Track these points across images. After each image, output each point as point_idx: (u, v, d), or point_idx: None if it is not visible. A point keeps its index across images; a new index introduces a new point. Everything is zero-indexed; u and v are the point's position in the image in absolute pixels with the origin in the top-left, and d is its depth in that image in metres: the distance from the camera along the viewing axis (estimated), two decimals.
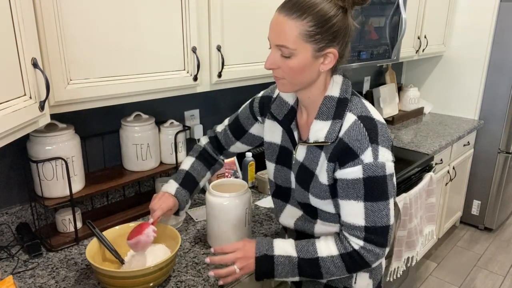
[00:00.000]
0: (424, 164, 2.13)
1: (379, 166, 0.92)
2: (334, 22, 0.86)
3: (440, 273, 2.72)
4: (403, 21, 2.11)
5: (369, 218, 0.94)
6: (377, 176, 0.92)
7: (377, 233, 0.95)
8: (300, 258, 0.97)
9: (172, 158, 1.56)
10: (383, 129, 0.95)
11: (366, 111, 0.96)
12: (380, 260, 0.99)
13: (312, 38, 0.86)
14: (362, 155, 0.91)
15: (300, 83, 0.94)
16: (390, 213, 0.95)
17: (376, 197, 0.93)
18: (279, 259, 0.98)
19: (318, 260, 0.96)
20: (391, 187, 0.95)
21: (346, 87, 0.97)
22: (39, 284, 1.11)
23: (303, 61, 0.88)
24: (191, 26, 1.29)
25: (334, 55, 0.90)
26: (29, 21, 0.90)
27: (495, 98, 2.89)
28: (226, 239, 1.24)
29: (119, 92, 1.16)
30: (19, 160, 1.31)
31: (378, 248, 0.95)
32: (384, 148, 0.93)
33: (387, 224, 0.95)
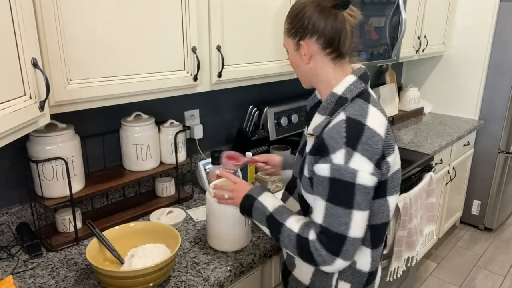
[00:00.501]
0: (424, 164, 2.13)
1: (349, 171, 0.89)
2: (302, 15, 0.97)
3: (440, 273, 2.72)
4: (403, 21, 2.11)
5: (326, 219, 0.93)
6: (343, 180, 0.90)
7: (329, 238, 0.92)
8: (271, 215, 1.04)
9: (172, 158, 1.56)
10: (371, 138, 0.91)
11: (362, 114, 0.93)
12: (331, 267, 0.95)
13: (289, 33, 1.02)
14: (333, 154, 0.90)
15: (302, 77, 1.07)
16: (352, 224, 0.91)
17: (338, 201, 0.91)
18: (257, 204, 1.07)
19: (281, 227, 1.01)
20: (360, 200, 0.91)
21: (353, 88, 0.97)
22: (39, 284, 1.11)
23: (291, 55, 1.04)
24: (191, 26, 1.29)
25: (305, 47, 0.99)
26: (29, 21, 0.90)
27: (495, 98, 2.89)
28: (226, 240, 1.24)
29: (119, 92, 1.16)
30: (19, 160, 1.32)
31: (325, 252, 0.92)
32: (362, 157, 0.89)
33: (343, 233, 0.91)
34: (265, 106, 1.95)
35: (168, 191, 1.62)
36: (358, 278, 1.04)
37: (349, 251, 0.93)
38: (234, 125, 1.99)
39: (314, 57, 0.99)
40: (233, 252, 1.26)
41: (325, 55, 0.99)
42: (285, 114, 1.99)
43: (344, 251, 0.92)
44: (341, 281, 1.04)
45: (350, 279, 1.04)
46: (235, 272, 1.19)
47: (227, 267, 1.19)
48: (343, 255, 0.93)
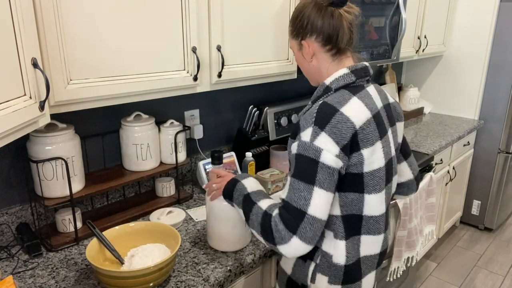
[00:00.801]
0: (424, 164, 2.13)
1: (312, 148, 0.92)
2: (301, 16, 1.02)
3: (440, 273, 2.72)
4: (403, 21, 2.11)
5: (289, 194, 0.94)
6: (307, 156, 0.92)
7: (289, 212, 0.93)
8: (248, 195, 1.06)
9: (172, 158, 1.56)
10: (340, 123, 0.93)
11: (339, 102, 0.96)
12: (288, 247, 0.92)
13: (292, 34, 1.07)
14: (302, 132, 0.95)
15: (308, 75, 1.12)
16: (312, 201, 0.91)
17: (300, 175, 0.93)
18: (239, 185, 1.10)
19: (253, 205, 1.02)
20: (323, 178, 0.91)
21: (341, 80, 1.01)
22: (39, 284, 1.11)
23: (296, 54, 1.10)
24: (191, 26, 1.29)
25: (305, 46, 1.04)
26: (29, 21, 0.90)
27: (495, 98, 2.89)
28: (226, 239, 1.24)
29: (119, 92, 1.16)
30: (19, 160, 1.32)
31: (283, 226, 0.92)
32: (328, 137, 0.92)
33: (302, 209, 0.91)
34: (265, 106, 1.95)
35: (168, 191, 1.62)
36: (334, 271, 1.04)
37: (307, 230, 0.91)
38: (234, 125, 1.99)
39: (316, 55, 1.05)
40: (233, 252, 1.26)
41: (325, 52, 1.03)
42: (285, 114, 1.99)
43: (301, 228, 0.91)
44: (318, 273, 1.05)
45: (327, 272, 1.04)
46: (235, 272, 1.19)
47: (227, 267, 1.19)
48: (300, 234, 0.91)
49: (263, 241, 0.99)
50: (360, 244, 1.05)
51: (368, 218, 1.04)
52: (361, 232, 1.04)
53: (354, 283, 1.06)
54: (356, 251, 1.05)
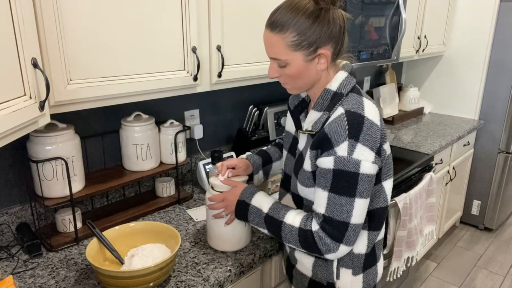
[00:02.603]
0: (424, 164, 2.13)
1: (352, 162, 0.92)
2: (316, 26, 0.91)
3: (440, 273, 2.72)
4: (403, 21, 2.11)
5: (329, 208, 0.96)
6: (347, 171, 0.93)
7: (333, 226, 0.96)
8: (268, 215, 1.06)
9: (172, 158, 1.56)
10: (370, 128, 0.94)
11: (359, 107, 0.96)
12: (335, 255, 0.98)
13: (299, 46, 0.93)
14: (337, 147, 0.93)
15: (303, 86, 1.02)
16: (354, 212, 0.95)
17: (341, 190, 0.94)
18: (252, 208, 1.09)
19: (281, 224, 1.03)
20: (363, 188, 0.94)
21: (346, 84, 1.00)
22: (39, 284, 1.11)
23: (298, 67, 0.96)
24: (191, 26, 1.29)
25: (325, 55, 0.95)
26: (29, 21, 0.90)
27: (495, 98, 2.89)
28: (226, 240, 1.24)
29: (119, 92, 1.16)
30: (19, 160, 1.32)
31: (330, 239, 0.96)
32: (364, 147, 0.93)
33: (346, 221, 0.95)
34: (265, 106, 1.95)
35: (168, 191, 1.62)
36: (356, 262, 1.08)
37: (351, 237, 0.97)
38: (234, 125, 1.99)
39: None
40: (233, 252, 1.26)
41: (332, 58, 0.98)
42: (285, 114, 2.00)
43: (347, 237, 0.96)
44: (342, 268, 1.07)
45: (350, 264, 1.07)
46: (235, 272, 1.19)
47: (227, 267, 1.19)
48: (346, 241, 0.97)
49: (302, 250, 1.02)
50: (379, 232, 1.10)
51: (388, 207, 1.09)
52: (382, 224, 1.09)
53: (372, 267, 1.11)
54: (374, 239, 1.09)
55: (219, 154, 1.59)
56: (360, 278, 1.09)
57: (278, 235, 1.05)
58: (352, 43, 1.87)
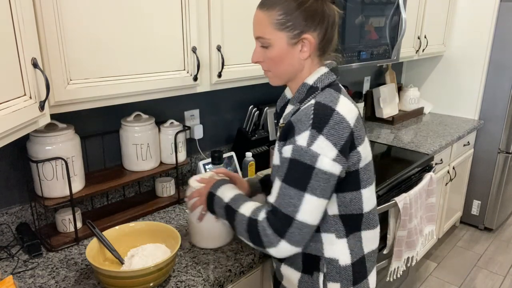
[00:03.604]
0: (424, 164, 2.13)
1: (310, 153, 0.87)
2: (304, 8, 0.91)
3: (440, 273, 2.72)
4: (403, 21, 2.11)
5: (278, 199, 0.92)
6: (302, 162, 0.88)
7: (277, 217, 0.91)
8: (227, 205, 1.04)
9: (172, 158, 1.56)
10: (338, 124, 0.89)
11: (332, 101, 0.92)
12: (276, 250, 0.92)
13: (284, 26, 0.92)
14: (298, 135, 0.89)
15: (284, 74, 0.99)
16: (302, 208, 0.89)
17: (292, 181, 0.89)
18: (217, 199, 1.07)
19: (235, 213, 1.01)
20: (317, 184, 0.88)
21: (324, 79, 0.97)
22: (39, 284, 1.11)
23: (280, 49, 0.95)
24: (191, 26, 1.29)
25: (309, 41, 0.93)
26: (29, 21, 0.90)
27: (495, 98, 2.89)
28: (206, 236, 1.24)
29: (119, 92, 1.16)
30: (19, 160, 1.32)
31: (272, 232, 0.91)
32: (327, 141, 0.88)
33: (291, 215, 0.89)
34: (265, 106, 1.95)
35: (168, 191, 1.62)
36: (344, 275, 1.02)
37: (295, 235, 0.90)
38: (234, 125, 1.99)
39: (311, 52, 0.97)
40: (233, 252, 1.26)
41: (317, 50, 0.97)
42: None
43: (289, 233, 0.90)
44: (329, 283, 1.02)
45: (337, 278, 1.01)
46: (235, 272, 1.19)
47: (227, 267, 1.19)
48: (288, 238, 0.91)
49: (252, 245, 0.98)
50: (362, 241, 1.04)
51: (368, 214, 1.03)
52: (361, 228, 1.03)
53: (362, 281, 1.05)
54: (360, 248, 1.04)
55: (219, 154, 1.59)
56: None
57: (233, 226, 1.01)
58: (352, 43, 1.87)
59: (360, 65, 1.99)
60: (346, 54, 1.86)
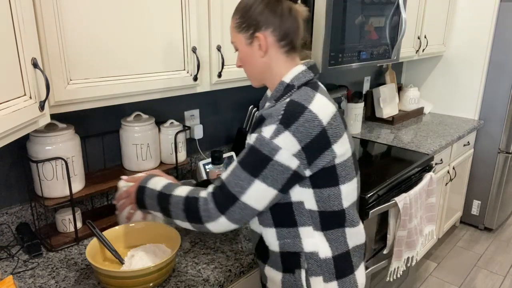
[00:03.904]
0: (424, 164, 2.13)
1: (270, 146, 0.90)
2: (254, 9, 0.98)
3: (440, 273, 2.72)
4: (403, 21, 2.11)
5: (229, 177, 0.94)
6: (261, 151, 0.90)
7: (223, 193, 0.93)
8: (159, 193, 1.02)
9: (172, 158, 1.56)
10: (309, 122, 0.90)
11: (306, 99, 0.94)
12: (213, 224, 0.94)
13: (240, 28, 1.00)
14: (265, 127, 0.92)
15: (253, 74, 1.05)
16: (249, 191, 0.91)
17: (246, 166, 0.92)
18: (147, 190, 1.05)
19: (169, 197, 1.00)
20: (270, 174, 0.90)
21: (301, 77, 0.99)
22: (39, 284, 1.11)
23: (242, 50, 1.03)
24: (191, 26, 1.29)
25: (260, 39, 0.98)
26: (29, 21, 0.90)
27: (495, 98, 2.89)
28: None
29: (119, 92, 1.16)
30: (19, 160, 1.32)
31: (213, 206, 0.93)
32: (292, 137, 0.89)
33: (236, 195, 0.92)
34: None
35: None
36: (326, 267, 1.01)
37: (236, 214, 0.93)
38: (234, 125, 1.99)
39: (269, 50, 1.00)
40: (233, 252, 1.26)
41: (279, 47, 1.00)
42: None
43: (231, 211, 0.93)
44: (311, 277, 1.01)
45: (318, 271, 1.01)
46: (235, 272, 1.19)
47: (227, 267, 1.19)
48: (228, 215, 0.93)
49: (188, 224, 0.99)
50: (346, 236, 1.03)
51: (349, 210, 1.02)
52: (345, 225, 1.02)
53: (348, 276, 1.04)
54: (343, 243, 1.03)
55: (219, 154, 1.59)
56: (335, 286, 1.02)
57: (167, 211, 1.01)
58: (352, 43, 1.87)
59: (360, 65, 1.99)
60: (346, 54, 1.86)
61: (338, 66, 1.83)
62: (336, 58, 1.80)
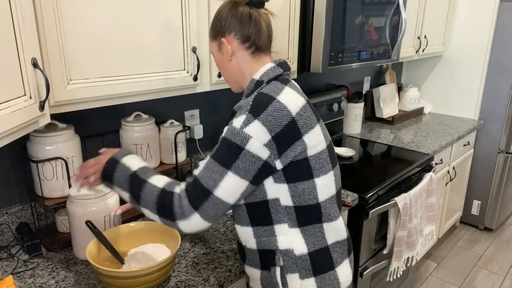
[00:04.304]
0: (424, 164, 2.13)
1: (241, 135, 0.91)
2: (220, 16, 1.04)
3: (440, 273, 2.72)
4: (403, 21, 2.11)
5: (203, 171, 0.94)
6: (232, 141, 0.92)
7: (196, 189, 0.93)
8: (134, 173, 0.99)
9: (172, 158, 1.56)
10: (277, 111, 0.92)
11: (275, 92, 0.96)
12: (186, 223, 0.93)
13: (211, 36, 1.08)
14: (235, 119, 0.95)
15: (231, 79, 1.11)
16: (222, 184, 0.92)
17: (219, 158, 0.93)
18: (120, 166, 1.01)
19: (144, 183, 0.98)
20: (242, 165, 0.91)
21: (270, 72, 1.03)
22: (39, 284, 1.11)
23: (216, 57, 1.09)
24: (191, 26, 1.29)
25: (224, 43, 1.04)
26: (29, 21, 0.90)
27: (495, 98, 2.90)
28: None
29: (119, 92, 1.16)
30: (19, 160, 1.32)
31: (187, 202, 0.93)
32: (262, 126, 0.91)
33: (210, 189, 0.92)
34: None
35: None
36: (301, 263, 1.01)
37: (209, 209, 0.93)
38: None
39: (236, 53, 1.05)
40: (233, 252, 1.26)
41: (244, 49, 1.05)
42: None
43: (204, 206, 0.93)
44: (287, 274, 1.01)
45: (294, 268, 1.01)
46: (235, 272, 1.19)
47: (227, 267, 1.19)
48: (202, 211, 0.93)
49: (157, 218, 0.97)
50: (323, 232, 1.03)
51: (325, 204, 1.02)
52: (322, 220, 1.02)
53: (327, 272, 1.03)
54: (320, 239, 1.02)
55: None
56: (312, 283, 1.01)
57: (137, 196, 0.98)
58: (352, 43, 1.87)
59: (360, 65, 1.99)
60: (346, 54, 1.86)
61: (338, 66, 1.83)
62: (336, 58, 1.80)
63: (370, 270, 1.85)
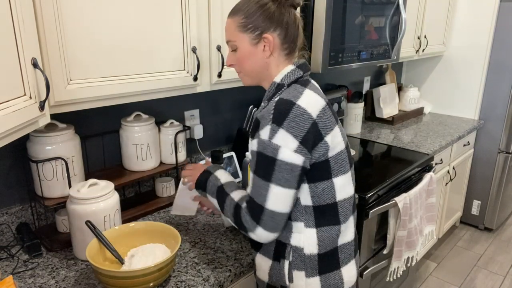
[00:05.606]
0: (424, 164, 2.13)
1: (272, 146, 0.94)
2: (263, 11, 1.01)
3: (440, 273, 2.72)
4: (403, 21, 2.11)
5: (252, 189, 0.99)
6: (266, 154, 0.95)
7: (253, 206, 0.98)
8: (221, 186, 1.10)
9: (172, 158, 1.56)
10: (298, 116, 0.94)
11: (295, 96, 0.97)
12: (255, 235, 0.99)
13: (246, 27, 1.02)
14: (261, 130, 0.96)
15: (251, 72, 1.08)
16: (269, 197, 0.96)
17: (260, 173, 0.96)
18: (213, 177, 1.13)
19: (226, 196, 1.07)
20: (280, 175, 0.94)
21: (290, 75, 1.04)
22: (39, 284, 1.11)
23: (244, 49, 1.04)
24: (191, 26, 1.29)
25: (269, 39, 1.02)
26: (29, 21, 0.90)
27: (495, 98, 2.90)
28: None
29: (119, 92, 1.16)
30: (19, 160, 1.32)
31: (250, 219, 0.99)
32: (287, 134, 0.93)
33: (262, 204, 0.96)
34: None
35: (168, 191, 1.62)
36: (309, 263, 1.03)
37: (269, 222, 0.97)
38: (234, 125, 1.99)
39: (273, 51, 1.04)
40: (233, 252, 1.27)
41: (282, 50, 1.05)
42: None
43: (263, 221, 0.97)
44: (294, 270, 1.04)
45: (301, 266, 1.03)
46: (235, 272, 1.19)
47: (227, 267, 1.19)
48: (263, 225, 0.98)
49: (237, 227, 1.04)
50: (339, 234, 1.05)
51: (342, 203, 1.05)
52: (340, 221, 1.05)
53: (332, 271, 1.06)
54: (333, 241, 1.05)
55: (219, 154, 1.59)
56: (317, 281, 1.04)
57: (222, 206, 1.08)
58: (352, 43, 1.87)
59: (360, 65, 1.99)
60: (346, 54, 1.86)
61: (338, 66, 1.83)
62: (336, 58, 1.80)
63: (370, 270, 1.85)
